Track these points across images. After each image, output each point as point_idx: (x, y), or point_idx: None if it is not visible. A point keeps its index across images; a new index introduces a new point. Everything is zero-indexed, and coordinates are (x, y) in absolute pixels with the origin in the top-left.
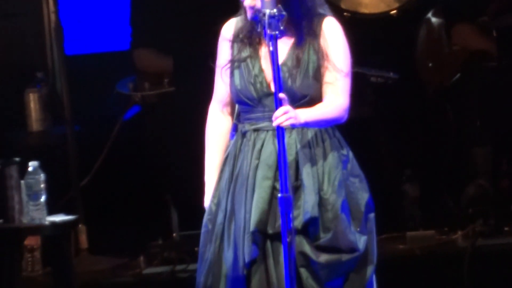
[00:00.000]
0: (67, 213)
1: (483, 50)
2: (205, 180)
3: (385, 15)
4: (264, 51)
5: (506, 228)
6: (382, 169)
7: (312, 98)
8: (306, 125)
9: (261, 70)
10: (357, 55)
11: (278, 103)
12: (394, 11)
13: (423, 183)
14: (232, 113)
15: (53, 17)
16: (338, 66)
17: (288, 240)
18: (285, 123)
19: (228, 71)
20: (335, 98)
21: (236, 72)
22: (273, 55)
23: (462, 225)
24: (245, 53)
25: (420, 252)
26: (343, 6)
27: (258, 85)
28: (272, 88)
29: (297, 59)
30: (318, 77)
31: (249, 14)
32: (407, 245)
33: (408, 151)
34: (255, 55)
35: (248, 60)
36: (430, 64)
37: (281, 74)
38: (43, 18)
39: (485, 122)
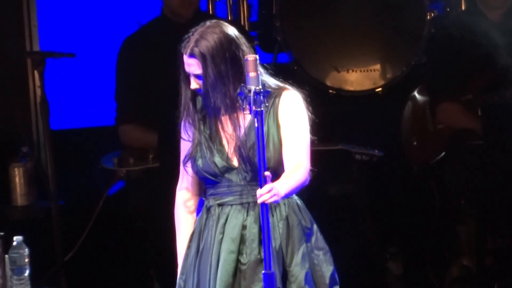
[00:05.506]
0: None
1: (468, 128)
2: (178, 262)
3: (370, 93)
4: (224, 125)
5: None
6: (366, 246)
7: (271, 168)
8: (284, 196)
9: (222, 145)
10: (342, 132)
11: (263, 181)
12: (379, 89)
13: (406, 261)
14: (198, 191)
15: (39, 91)
16: (298, 134)
17: None
18: (270, 200)
19: (190, 151)
20: (301, 163)
21: (197, 150)
22: (258, 131)
23: None
24: (204, 131)
25: None
26: (328, 83)
27: (221, 161)
28: (234, 163)
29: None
30: (278, 148)
31: (192, 84)
32: None
33: (392, 229)
34: (215, 130)
35: (207, 137)
36: (415, 142)
37: (245, 150)
38: (29, 92)
39: (469, 200)
